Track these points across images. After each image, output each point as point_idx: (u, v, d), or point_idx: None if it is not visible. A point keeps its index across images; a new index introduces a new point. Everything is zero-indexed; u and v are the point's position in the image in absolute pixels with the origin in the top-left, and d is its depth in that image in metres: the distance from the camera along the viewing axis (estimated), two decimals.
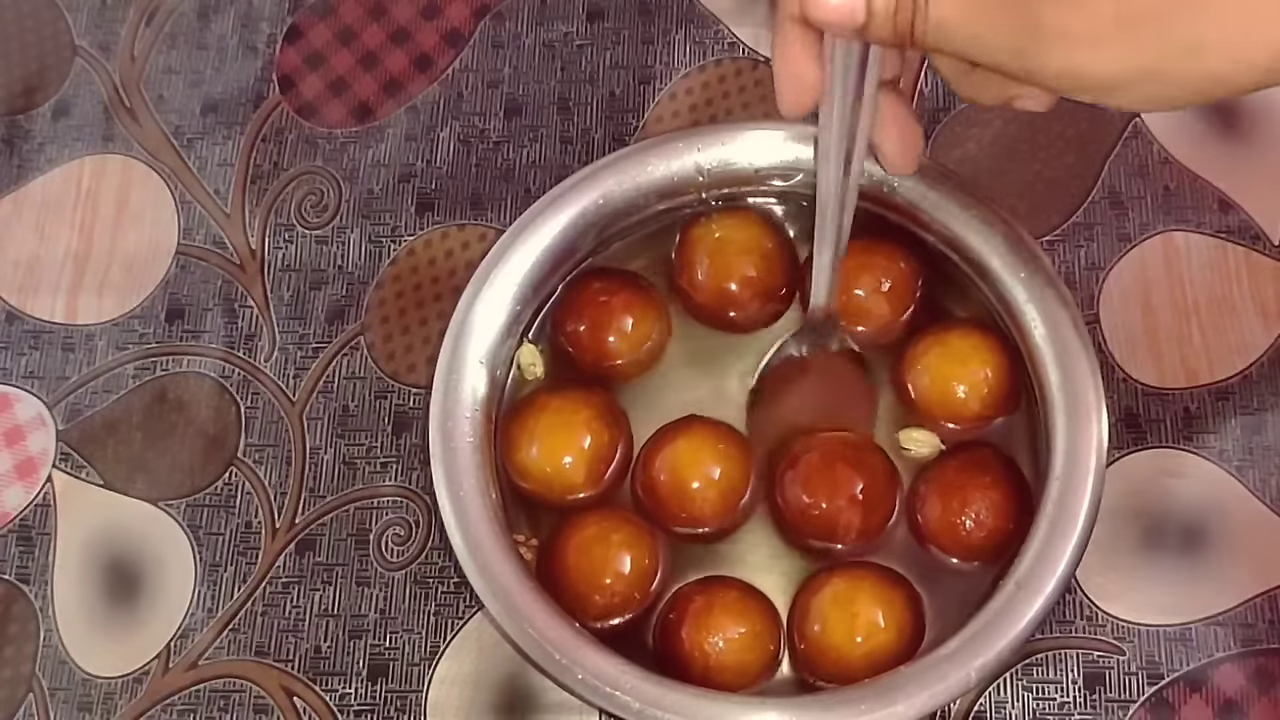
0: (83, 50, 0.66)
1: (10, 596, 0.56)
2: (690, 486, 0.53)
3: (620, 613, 0.52)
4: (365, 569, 0.56)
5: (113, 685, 0.55)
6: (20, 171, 0.64)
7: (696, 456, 0.53)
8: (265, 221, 0.62)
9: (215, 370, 0.59)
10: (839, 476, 0.52)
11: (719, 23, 0.64)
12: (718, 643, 0.50)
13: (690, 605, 0.51)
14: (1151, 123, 0.60)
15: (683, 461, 0.53)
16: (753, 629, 0.51)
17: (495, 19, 0.65)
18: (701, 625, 0.51)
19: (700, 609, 0.51)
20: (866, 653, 0.50)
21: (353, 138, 0.63)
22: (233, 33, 0.65)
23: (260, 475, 0.57)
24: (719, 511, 0.53)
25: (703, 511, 0.53)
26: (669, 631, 0.51)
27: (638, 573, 0.52)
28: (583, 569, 0.52)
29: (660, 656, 0.52)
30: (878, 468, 0.53)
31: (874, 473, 0.53)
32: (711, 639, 0.50)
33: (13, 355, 0.60)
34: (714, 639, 0.51)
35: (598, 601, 0.52)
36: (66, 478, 0.58)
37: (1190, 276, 0.58)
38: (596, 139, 0.62)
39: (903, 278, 0.55)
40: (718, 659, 0.50)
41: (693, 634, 0.51)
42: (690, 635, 0.51)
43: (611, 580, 0.52)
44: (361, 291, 0.60)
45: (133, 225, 0.62)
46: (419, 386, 0.58)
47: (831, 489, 0.52)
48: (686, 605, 0.51)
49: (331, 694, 0.54)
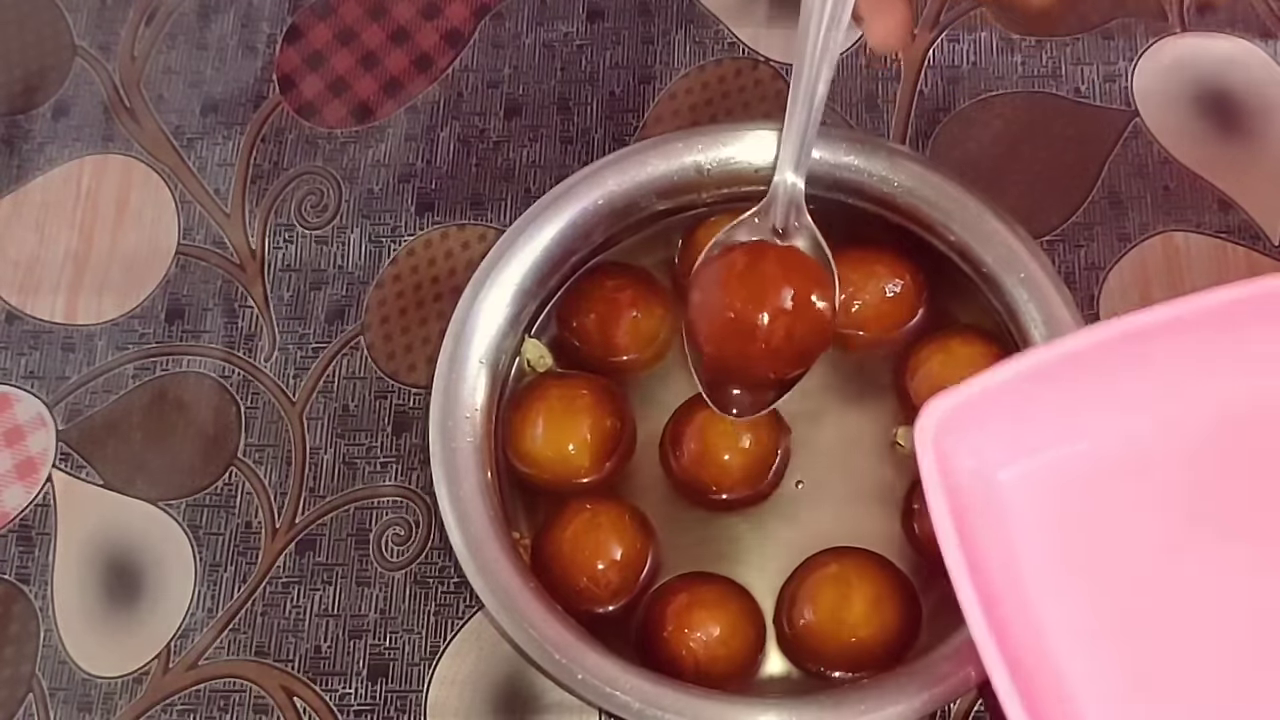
0: (83, 50, 0.66)
1: (10, 596, 0.56)
2: (722, 458, 0.53)
3: (610, 600, 0.52)
4: (365, 569, 0.56)
5: (113, 685, 0.55)
6: (20, 171, 0.64)
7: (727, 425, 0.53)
8: (265, 221, 0.62)
9: (215, 370, 0.59)
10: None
11: (719, 23, 0.64)
12: (701, 638, 0.51)
13: (672, 601, 0.52)
14: (1151, 123, 0.61)
15: (716, 430, 0.53)
16: (732, 624, 0.51)
17: (495, 19, 0.65)
18: (683, 622, 0.51)
19: (682, 606, 0.51)
20: (860, 637, 0.50)
21: (353, 138, 0.63)
22: (233, 33, 0.65)
23: (260, 475, 0.57)
24: (749, 479, 0.54)
25: (733, 479, 0.53)
26: (653, 626, 0.52)
27: (629, 560, 0.52)
28: (576, 554, 0.52)
29: (643, 649, 0.52)
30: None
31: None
32: (695, 635, 0.51)
33: (13, 355, 0.60)
34: (697, 634, 0.51)
35: (588, 587, 0.52)
36: (66, 478, 0.58)
37: (1190, 276, 0.58)
38: (596, 139, 0.62)
39: (908, 287, 0.55)
40: (701, 654, 0.51)
41: (675, 632, 0.51)
42: (673, 633, 0.51)
43: (605, 566, 0.52)
44: (361, 291, 0.60)
45: (133, 225, 0.62)
46: (419, 386, 0.58)
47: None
48: (669, 601, 0.52)
49: (331, 694, 0.54)
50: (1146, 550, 0.46)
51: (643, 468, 0.56)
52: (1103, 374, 0.46)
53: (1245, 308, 0.45)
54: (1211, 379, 0.47)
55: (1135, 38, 0.62)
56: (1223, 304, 0.45)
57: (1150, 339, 0.45)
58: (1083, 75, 0.61)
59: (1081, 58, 0.62)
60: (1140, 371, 0.46)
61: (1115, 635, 0.46)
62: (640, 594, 0.53)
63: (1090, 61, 0.62)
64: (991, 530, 0.45)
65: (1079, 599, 0.46)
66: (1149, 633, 0.46)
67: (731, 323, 0.51)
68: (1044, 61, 0.62)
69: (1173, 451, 0.47)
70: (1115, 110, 0.61)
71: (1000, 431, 0.46)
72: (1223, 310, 0.45)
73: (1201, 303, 0.45)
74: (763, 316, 0.51)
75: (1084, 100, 0.61)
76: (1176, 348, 0.46)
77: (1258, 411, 0.47)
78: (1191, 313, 0.45)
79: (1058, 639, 0.45)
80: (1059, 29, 0.62)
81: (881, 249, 0.56)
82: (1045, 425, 0.47)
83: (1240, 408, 0.47)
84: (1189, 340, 0.46)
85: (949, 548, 0.42)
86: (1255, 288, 0.45)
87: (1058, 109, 0.61)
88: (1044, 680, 0.44)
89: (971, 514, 0.44)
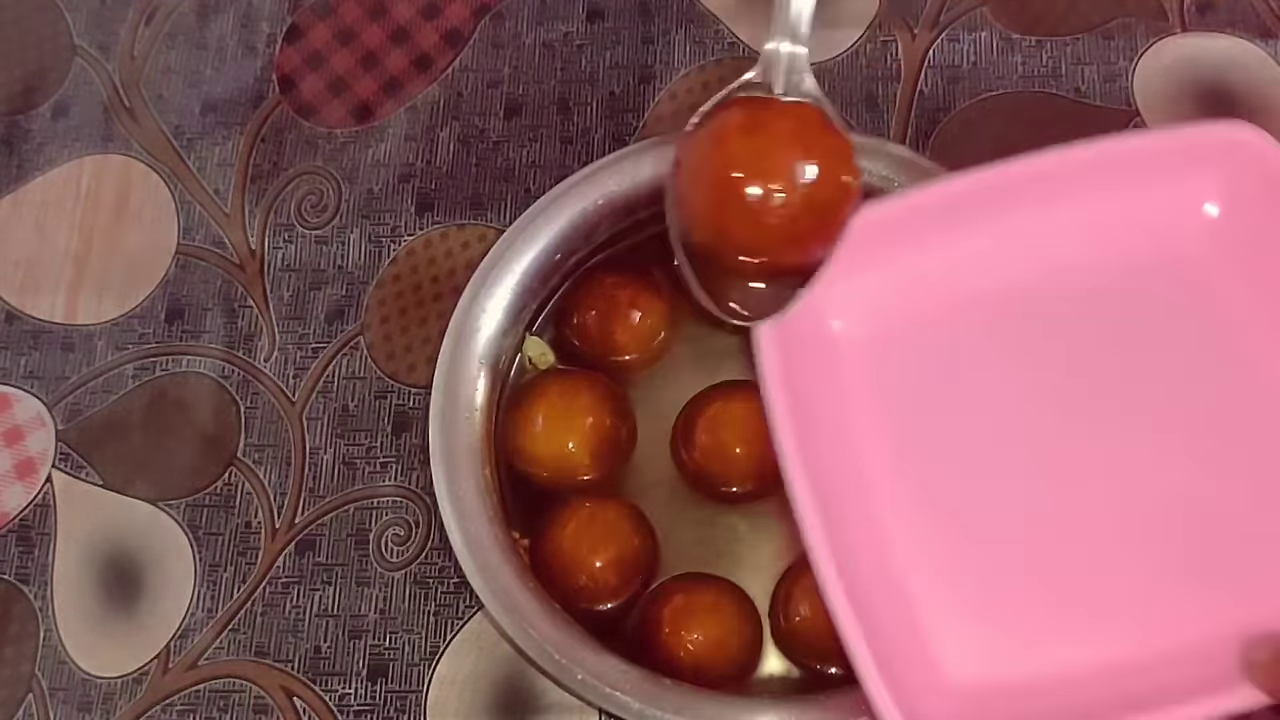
0: (82, 50, 0.66)
1: (10, 596, 0.56)
2: (733, 451, 0.53)
3: (609, 598, 0.52)
4: (365, 569, 0.56)
5: (113, 685, 0.55)
6: (20, 171, 0.64)
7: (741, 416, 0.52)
8: (265, 221, 0.62)
9: (215, 370, 0.59)
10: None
11: (719, 22, 0.64)
12: (698, 639, 0.51)
13: (669, 603, 0.52)
14: (1152, 122, 0.60)
15: (727, 423, 0.53)
16: (729, 626, 0.51)
17: (495, 19, 0.65)
18: (680, 624, 0.51)
19: (679, 608, 0.51)
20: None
21: (353, 138, 0.63)
22: (232, 32, 0.65)
23: (260, 475, 0.57)
24: (759, 472, 0.53)
25: (743, 472, 0.53)
26: (651, 627, 0.52)
27: (628, 558, 0.52)
28: (575, 552, 0.52)
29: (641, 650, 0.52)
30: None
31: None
32: (692, 637, 0.51)
33: (12, 355, 0.60)
34: (694, 636, 0.51)
35: (587, 585, 0.52)
36: (66, 478, 0.58)
37: None
38: (596, 139, 0.62)
39: None
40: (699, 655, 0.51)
41: (672, 634, 0.51)
42: (670, 635, 0.51)
43: (604, 565, 0.52)
44: (361, 291, 0.60)
45: (133, 225, 0.62)
46: (419, 386, 0.58)
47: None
48: (666, 602, 0.52)
49: (331, 694, 0.54)
50: (971, 405, 0.47)
51: (643, 466, 0.56)
52: (948, 226, 0.46)
53: (1088, 168, 0.46)
54: (1054, 240, 0.47)
55: (1135, 38, 0.62)
56: (1070, 162, 0.45)
57: (994, 195, 0.46)
58: (1083, 75, 0.61)
59: (1081, 58, 0.62)
60: (982, 227, 0.46)
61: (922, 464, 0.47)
62: (639, 592, 0.53)
63: (1090, 61, 0.62)
64: (822, 377, 0.45)
65: (896, 437, 0.46)
66: (948, 462, 0.46)
67: (733, 191, 0.42)
68: (1044, 61, 0.62)
69: (1008, 305, 0.47)
70: (1115, 110, 0.61)
71: (835, 280, 0.45)
72: (1069, 168, 0.46)
73: (1050, 160, 0.45)
74: (774, 182, 0.41)
75: (1084, 100, 0.61)
76: (1014, 205, 0.46)
77: (1085, 273, 0.48)
78: (1039, 169, 0.45)
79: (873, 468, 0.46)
80: (1060, 29, 0.62)
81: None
82: (881, 276, 0.47)
83: (1077, 269, 0.48)
84: (1032, 198, 0.46)
85: (773, 393, 0.42)
86: (1094, 149, 0.45)
87: (1058, 109, 0.61)
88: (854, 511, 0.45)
89: (804, 364, 0.44)
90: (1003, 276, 0.48)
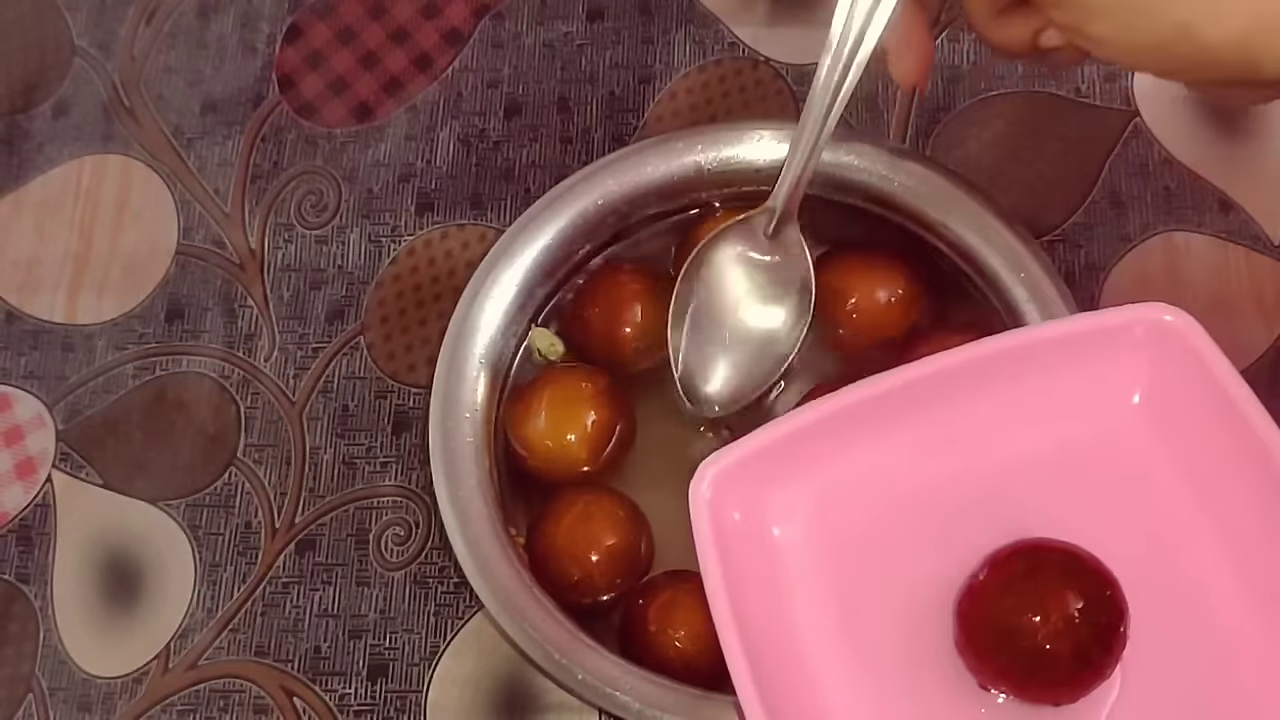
0: (82, 50, 0.66)
1: (10, 596, 0.56)
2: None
3: (605, 591, 0.52)
4: (365, 569, 0.56)
5: (113, 685, 0.55)
6: (20, 171, 0.64)
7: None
8: (265, 221, 0.62)
9: (215, 370, 0.59)
10: None
11: (719, 23, 0.64)
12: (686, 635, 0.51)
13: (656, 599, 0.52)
14: (1152, 123, 0.60)
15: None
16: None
17: (495, 19, 0.65)
18: (667, 621, 0.51)
19: (665, 604, 0.51)
20: None
21: (353, 138, 0.63)
22: (232, 32, 0.65)
23: (260, 475, 0.57)
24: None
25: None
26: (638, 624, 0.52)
27: (622, 551, 0.52)
28: (570, 545, 0.52)
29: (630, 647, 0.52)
30: None
31: None
32: (679, 633, 0.51)
33: (12, 355, 0.60)
34: (682, 633, 0.51)
35: (582, 579, 0.52)
36: (66, 478, 0.58)
37: (1190, 276, 0.58)
38: (596, 139, 0.62)
39: (906, 291, 0.55)
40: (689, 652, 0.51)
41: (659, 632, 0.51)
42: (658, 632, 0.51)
43: (599, 558, 0.52)
44: (361, 291, 0.60)
45: (133, 225, 0.62)
46: (419, 386, 0.58)
47: None
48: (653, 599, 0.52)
49: (331, 694, 0.54)
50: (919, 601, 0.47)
51: (641, 462, 0.56)
52: (881, 425, 0.47)
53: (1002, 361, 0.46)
54: (984, 431, 0.48)
55: None
56: (992, 354, 0.46)
57: (916, 391, 0.46)
58: (1083, 75, 0.61)
59: None
60: (911, 422, 0.47)
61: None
62: (633, 586, 0.53)
63: (1090, 61, 0.62)
64: (765, 585, 0.46)
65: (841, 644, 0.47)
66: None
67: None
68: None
69: (943, 496, 0.48)
70: (1115, 110, 0.61)
71: (776, 487, 0.47)
72: (994, 361, 0.46)
73: (974, 353, 0.46)
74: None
75: (1084, 100, 0.61)
76: (941, 399, 0.47)
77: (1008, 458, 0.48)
78: (963, 361, 0.46)
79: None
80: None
81: (880, 253, 0.56)
82: (821, 480, 0.47)
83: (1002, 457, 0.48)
84: (959, 390, 0.47)
85: (718, 603, 0.43)
86: (1013, 340, 0.46)
87: (1058, 109, 0.61)
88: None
89: (745, 569, 0.45)
90: (937, 470, 0.48)
